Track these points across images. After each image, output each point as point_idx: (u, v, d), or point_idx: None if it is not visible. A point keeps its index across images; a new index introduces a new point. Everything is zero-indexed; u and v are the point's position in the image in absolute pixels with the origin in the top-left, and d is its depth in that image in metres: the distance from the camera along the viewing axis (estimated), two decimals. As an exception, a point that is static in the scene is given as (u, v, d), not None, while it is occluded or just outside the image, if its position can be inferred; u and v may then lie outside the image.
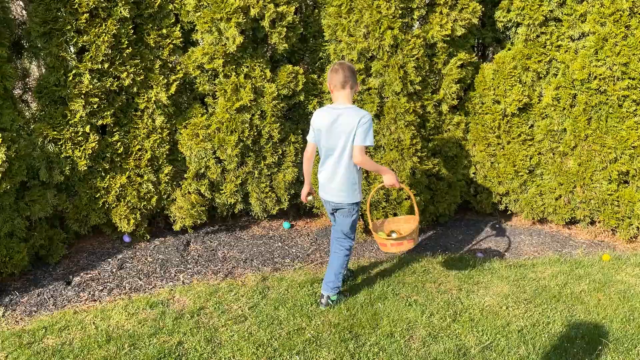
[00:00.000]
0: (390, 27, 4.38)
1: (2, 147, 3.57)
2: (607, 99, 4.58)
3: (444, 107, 4.88)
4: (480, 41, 5.35)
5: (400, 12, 4.37)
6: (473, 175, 5.23)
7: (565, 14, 4.68)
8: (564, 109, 4.81)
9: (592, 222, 5.12)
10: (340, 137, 3.37)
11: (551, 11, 4.67)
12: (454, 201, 5.08)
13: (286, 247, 4.79)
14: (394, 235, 3.88)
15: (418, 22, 4.68)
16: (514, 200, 5.26)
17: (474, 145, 5.16)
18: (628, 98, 4.49)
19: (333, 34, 4.60)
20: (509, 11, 4.86)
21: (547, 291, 3.93)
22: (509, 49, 4.99)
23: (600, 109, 4.64)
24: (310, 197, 3.80)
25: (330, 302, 3.65)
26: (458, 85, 4.79)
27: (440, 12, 4.55)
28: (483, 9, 4.71)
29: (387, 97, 4.63)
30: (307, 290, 3.90)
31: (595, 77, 4.57)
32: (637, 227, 4.72)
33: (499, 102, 4.95)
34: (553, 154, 4.97)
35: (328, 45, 4.71)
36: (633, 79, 4.43)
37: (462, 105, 5.13)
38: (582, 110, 4.70)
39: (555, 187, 4.99)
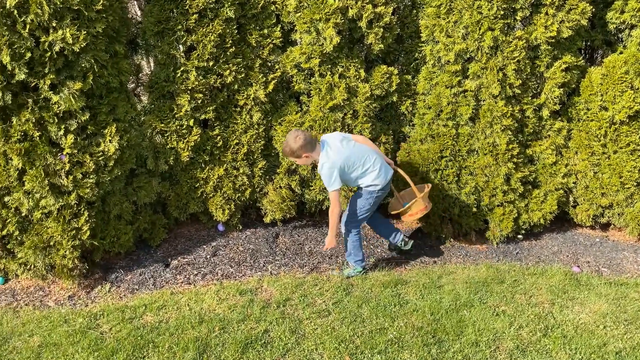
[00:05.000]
0: (491, 28, 4.25)
1: (116, 136, 3.90)
2: None
3: (545, 112, 4.66)
4: (588, 44, 5.04)
5: (502, 12, 4.22)
6: (573, 184, 4.94)
7: (689, 15, 4.29)
8: (682, 118, 4.42)
9: None
10: None
11: (672, 12, 4.31)
12: (551, 211, 4.83)
13: (371, 247, 4.81)
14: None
15: (521, 23, 4.50)
16: (618, 214, 4.91)
17: (576, 154, 4.87)
18: None
19: (430, 35, 4.55)
20: (622, 12, 4.53)
21: (652, 314, 3.65)
22: (621, 53, 4.65)
23: None
24: None
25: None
26: (561, 89, 4.55)
27: (546, 13, 4.34)
28: (593, 9, 4.43)
29: (484, 100, 4.50)
30: (390, 290, 3.90)
31: None
32: None
33: (606, 109, 4.63)
34: (666, 166, 4.58)
35: (424, 46, 4.66)
36: None
37: (565, 111, 4.86)
38: None
39: (667, 203, 4.60)
